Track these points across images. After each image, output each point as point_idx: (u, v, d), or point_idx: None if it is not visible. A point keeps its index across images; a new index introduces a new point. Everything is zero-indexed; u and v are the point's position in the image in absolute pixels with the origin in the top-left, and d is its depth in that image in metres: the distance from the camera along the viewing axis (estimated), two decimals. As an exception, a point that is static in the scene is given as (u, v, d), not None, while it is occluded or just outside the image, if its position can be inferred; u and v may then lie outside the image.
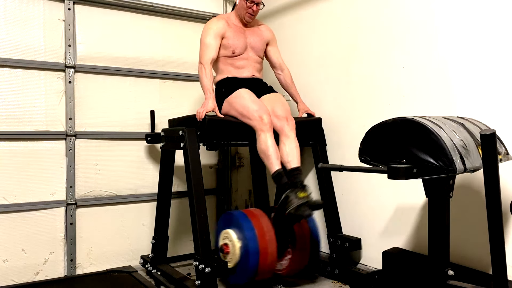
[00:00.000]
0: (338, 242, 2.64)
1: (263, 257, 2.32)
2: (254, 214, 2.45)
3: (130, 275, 2.63)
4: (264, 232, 2.34)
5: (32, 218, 2.71)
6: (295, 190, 2.25)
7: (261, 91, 2.67)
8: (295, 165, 2.40)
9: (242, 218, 2.40)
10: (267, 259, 2.33)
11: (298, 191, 2.25)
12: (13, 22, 2.67)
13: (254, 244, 2.30)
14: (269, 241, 2.34)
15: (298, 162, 2.41)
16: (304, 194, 2.25)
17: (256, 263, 2.31)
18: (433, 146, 1.49)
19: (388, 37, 2.48)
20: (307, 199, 2.23)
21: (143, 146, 3.10)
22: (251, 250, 2.30)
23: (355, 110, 2.68)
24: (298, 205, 2.19)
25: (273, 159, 2.35)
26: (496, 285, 1.42)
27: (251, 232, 2.33)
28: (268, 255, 2.33)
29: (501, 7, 1.98)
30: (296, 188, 2.27)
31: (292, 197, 2.23)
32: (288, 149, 2.43)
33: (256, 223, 2.37)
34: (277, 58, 2.88)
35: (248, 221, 2.38)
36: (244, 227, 2.35)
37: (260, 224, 2.37)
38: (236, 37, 2.67)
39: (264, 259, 2.32)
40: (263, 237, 2.33)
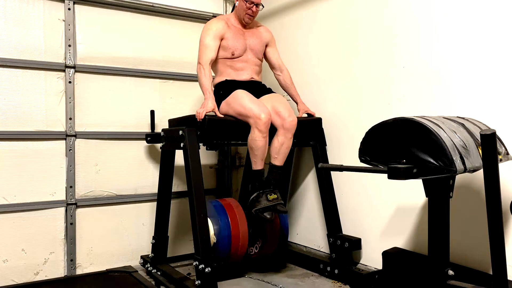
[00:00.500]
0: (338, 242, 2.64)
1: (234, 243, 2.60)
2: (229, 203, 2.71)
3: (130, 275, 2.63)
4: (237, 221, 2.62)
5: (32, 218, 2.71)
6: (266, 192, 2.46)
7: (260, 93, 2.67)
8: (278, 164, 2.52)
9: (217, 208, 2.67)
10: (238, 245, 2.61)
11: (269, 193, 2.46)
12: (13, 22, 2.67)
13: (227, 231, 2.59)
14: (241, 229, 2.61)
15: (282, 161, 2.53)
16: (274, 196, 2.46)
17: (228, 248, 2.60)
18: (433, 146, 1.49)
19: (388, 37, 2.48)
20: (275, 202, 2.45)
21: (143, 146, 3.10)
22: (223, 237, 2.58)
23: (355, 110, 2.68)
24: (265, 207, 2.43)
25: (258, 160, 2.48)
26: (496, 285, 1.42)
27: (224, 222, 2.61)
28: (239, 241, 2.61)
29: (501, 7, 1.98)
30: (268, 190, 2.47)
31: (262, 198, 2.45)
32: (279, 146, 2.49)
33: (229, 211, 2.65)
34: (276, 59, 2.88)
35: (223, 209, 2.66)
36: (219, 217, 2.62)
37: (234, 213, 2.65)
38: (235, 38, 2.67)
39: (235, 245, 2.60)
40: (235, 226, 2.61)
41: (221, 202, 2.74)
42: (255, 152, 2.45)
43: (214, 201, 2.74)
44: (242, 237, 2.62)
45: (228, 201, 2.76)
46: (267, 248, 2.81)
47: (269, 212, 2.44)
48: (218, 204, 2.71)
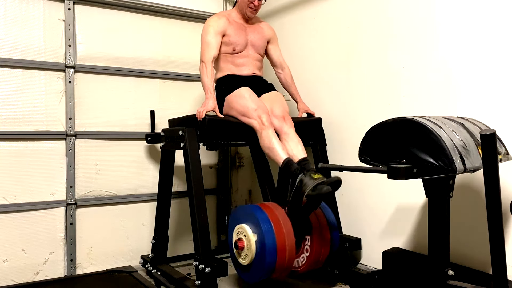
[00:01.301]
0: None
1: (281, 253, 2.13)
2: (270, 207, 2.28)
3: (130, 275, 2.63)
4: (281, 225, 2.16)
5: (32, 218, 2.71)
6: (308, 173, 2.19)
7: (262, 89, 2.67)
8: (302, 156, 2.36)
9: (258, 212, 2.21)
10: (286, 255, 2.15)
11: (311, 173, 2.19)
12: (13, 22, 2.67)
13: (272, 239, 2.11)
14: (287, 236, 2.16)
15: (304, 153, 2.38)
16: (318, 175, 2.18)
17: (274, 260, 2.12)
18: (433, 146, 1.49)
19: (388, 37, 2.48)
20: (322, 179, 2.16)
21: (143, 146, 3.10)
22: (268, 246, 2.10)
23: (355, 110, 2.68)
24: (315, 185, 2.11)
25: (279, 150, 2.32)
26: (496, 285, 1.42)
27: (267, 225, 2.14)
28: (286, 250, 2.14)
29: (501, 7, 1.98)
30: (309, 171, 2.21)
31: (306, 180, 2.16)
32: (291, 144, 2.42)
33: (272, 216, 2.19)
34: (278, 56, 2.87)
35: (264, 214, 2.20)
36: (260, 221, 2.15)
37: (277, 217, 2.19)
38: (237, 34, 2.66)
39: (282, 255, 2.14)
40: (280, 231, 2.15)
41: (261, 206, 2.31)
42: (272, 145, 2.34)
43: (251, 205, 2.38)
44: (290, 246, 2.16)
45: (267, 205, 2.33)
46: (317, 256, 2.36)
47: (321, 186, 2.11)
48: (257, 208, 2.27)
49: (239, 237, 2.28)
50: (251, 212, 2.23)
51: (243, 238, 2.25)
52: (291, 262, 2.21)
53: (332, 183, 2.14)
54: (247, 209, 2.31)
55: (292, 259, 2.21)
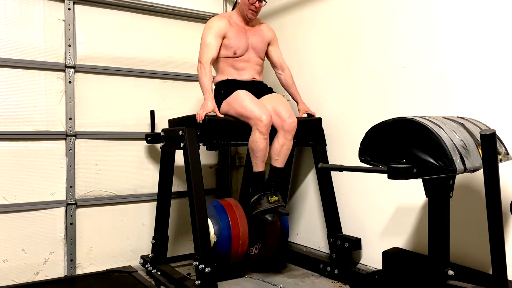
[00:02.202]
0: (338, 242, 2.64)
1: (235, 243, 2.60)
2: (229, 203, 2.72)
3: (130, 275, 2.63)
4: (237, 221, 2.63)
5: (32, 218, 2.71)
6: (267, 194, 2.45)
7: (261, 93, 2.66)
8: (279, 166, 2.51)
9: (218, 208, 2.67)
10: (239, 245, 2.61)
11: (270, 195, 2.45)
12: (13, 22, 2.66)
13: (227, 232, 2.59)
14: (241, 230, 2.61)
15: (283, 163, 2.52)
16: (275, 199, 2.46)
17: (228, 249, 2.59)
18: (433, 146, 1.49)
19: (388, 36, 2.48)
20: (277, 204, 2.44)
21: (143, 146, 3.10)
22: (224, 238, 2.58)
23: (355, 110, 2.68)
24: (266, 209, 2.42)
25: (259, 162, 2.47)
26: (496, 285, 1.42)
27: (224, 221, 2.61)
28: (239, 241, 2.61)
29: (501, 7, 1.98)
30: (269, 192, 2.46)
31: (263, 200, 2.44)
32: (280, 147, 2.48)
33: (229, 211, 2.66)
34: (278, 57, 2.87)
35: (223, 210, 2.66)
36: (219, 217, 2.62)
37: (234, 213, 2.65)
38: (238, 37, 2.66)
39: (236, 245, 2.60)
40: (236, 226, 2.61)
41: (221, 202, 2.74)
42: (256, 154, 2.44)
43: (214, 201, 2.74)
44: (243, 237, 2.62)
45: (228, 201, 2.76)
46: (267, 249, 2.80)
47: (270, 214, 2.43)
48: (218, 204, 2.71)
49: None
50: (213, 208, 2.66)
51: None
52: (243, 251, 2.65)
53: (280, 213, 2.47)
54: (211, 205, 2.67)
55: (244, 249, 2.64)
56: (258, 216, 2.45)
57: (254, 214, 2.46)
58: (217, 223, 2.60)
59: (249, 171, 2.75)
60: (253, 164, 2.49)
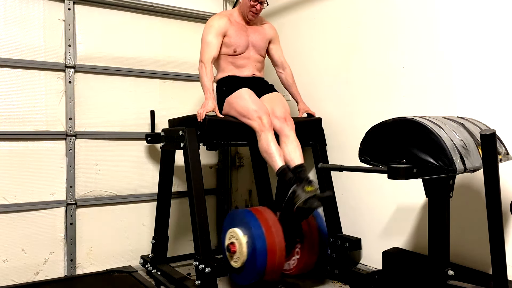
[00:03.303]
0: (338, 242, 2.64)
1: (271, 256, 2.21)
2: (261, 211, 2.35)
3: (130, 275, 2.63)
4: (271, 230, 2.24)
5: (32, 218, 2.71)
6: (301, 185, 2.22)
7: (262, 90, 2.67)
8: (299, 162, 2.38)
9: (249, 216, 2.31)
10: (276, 258, 2.23)
11: (304, 185, 2.21)
12: (13, 22, 2.66)
13: (262, 243, 2.20)
14: (277, 239, 2.23)
15: (301, 159, 2.39)
16: (311, 188, 2.21)
17: (264, 263, 2.21)
18: (433, 146, 1.49)
19: (388, 36, 2.48)
20: (314, 192, 2.19)
21: (143, 146, 3.10)
22: (258, 249, 2.19)
23: (355, 110, 2.68)
24: (307, 199, 2.15)
25: (276, 157, 2.34)
26: (496, 285, 1.42)
27: (258, 230, 2.23)
28: (276, 254, 2.22)
29: (501, 7, 1.98)
30: (302, 183, 2.24)
31: (299, 192, 2.19)
32: (290, 148, 2.43)
33: (263, 221, 2.28)
34: (279, 56, 2.87)
35: (254, 219, 2.28)
36: (251, 225, 2.25)
37: (267, 221, 2.27)
38: (238, 35, 2.66)
39: (272, 258, 2.22)
40: (270, 235, 2.23)
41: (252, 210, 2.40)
42: (269, 151, 2.34)
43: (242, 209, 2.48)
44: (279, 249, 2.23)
45: (258, 209, 2.41)
46: (307, 260, 2.46)
47: (312, 200, 2.16)
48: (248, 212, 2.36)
49: (231, 241, 2.35)
50: (243, 217, 2.32)
51: (235, 242, 2.32)
52: (281, 265, 2.28)
53: (323, 198, 2.23)
54: (239, 213, 2.38)
55: (282, 263, 2.28)
56: (300, 208, 2.16)
57: (295, 210, 2.19)
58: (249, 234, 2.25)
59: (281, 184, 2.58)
60: (272, 165, 2.35)
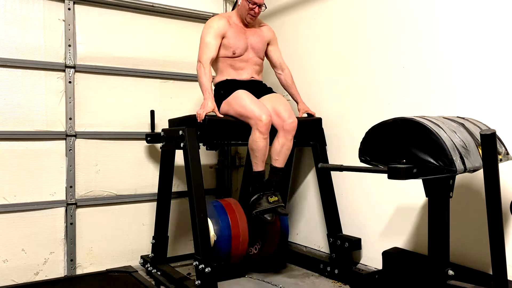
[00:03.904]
0: (338, 242, 2.64)
1: (235, 243, 2.61)
2: (229, 203, 2.73)
3: (130, 275, 2.63)
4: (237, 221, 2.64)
5: (32, 218, 2.71)
6: (267, 194, 2.46)
7: (260, 93, 2.67)
8: (279, 166, 2.52)
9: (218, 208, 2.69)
10: (239, 245, 2.62)
11: (270, 195, 2.46)
12: (13, 22, 2.66)
13: (227, 232, 2.60)
14: (241, 228, 2.62)
15: (283, 163, 2.53)
16: (275, 199, 2.47)
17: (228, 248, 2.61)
18: (433, 146, 1.49)
19: (388, 36, 2.48)
20: (276, 204, 2.45)
21: (143, 146, 3.10)
22: (223, 237, 2.59)
23: (355, 110, 2.68)
24: (265, 209, 2.43)
25: (259, 161, 2.48)
26: (496, 285, 1.42)
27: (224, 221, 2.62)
28: (239, 241, 2.62)
29: (501, 7, 1.98)
30: (269, 192, 2.47)
31: (262, 200, 2.45)
32: (280, 147, 2.49)
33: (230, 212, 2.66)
34: (278, 58, 2.87)
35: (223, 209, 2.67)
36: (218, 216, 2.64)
37: (234, 214, 2.66)
38: (237, 37, 2.66)
39: (236, 245, 2.62)
40: (236, 225, 2.62)
41: (221, 202, 2.75)
42: (255, 153, 2.45)
43: (214, 201, 2.75)
44: (243, 237, 2.63)
45: (228, 201, 2.77)
46: (267, 249, 2.82)
47: (269, 214, 2.45)
48: (218, 204, 2.72)
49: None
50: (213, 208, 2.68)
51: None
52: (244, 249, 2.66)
53: (279, 213, 2.48)
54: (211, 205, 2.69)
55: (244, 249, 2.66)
56: (258, 215, 2.46)
57: (254, 214, 2.47)
58: (217, 222, 2.62)
59: (249, 171, 2.75)
60: (253, 164, 2.50)
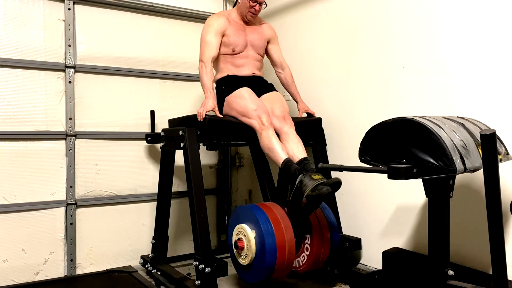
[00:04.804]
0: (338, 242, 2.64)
1: (280, 252, 2.15)
2: (269, 207, 2.30)
3: (130, 275, 2.63)
4: (280, 225, 2.18)
5: (32, 218, 2.71)
6: (308, 174, 2.19)
7: (262, 89, 2.67)
8: (302, 156, 2.35)
9: (257, 211, 2.23)
10: (285, 254, 2.16)
11: (311, 174, 2.18)
12: (13, 22, 2.66)
13: (271, 239, 2.13)
14: (286, 235, 2.17)
15: (304, 153, 2.37)
16: (318, 176, 2.18)
17: (273, 260, 2.14)
18: (433, 146, 1.49)
19: (388, 36, 2.48)
20: (322, 179, 2.15)
21: (143, 146, 3.10)
22: (268, 245, 2.12)
23: (355, 110, 2.68)
24: (315, 185, 2.10)
25: (279, 150, 2.32)
26: (496, 285, 1.42)
27: (267, 225, 2.16)
28: (286, 250, 2.16)
29: (501, 7, 1.98)
30: (309, 172, 2.21)
31: (306, 180, 2.16)
32: (292, 144, 2.42)
33: (271, 216, 2.21)
34: (278, 56, 2.87)
35: (263, 214, 2.21)
36: (259, 220, 2.17)
37: (276, 217, 2.21)
38: (236, 34, 2.66)
39: (281, 255, 2.15)
40: (280, 230, 2.17)
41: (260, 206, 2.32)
42: (271, 145, 2.33)
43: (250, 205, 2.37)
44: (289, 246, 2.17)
45: (266, 205, 2.35)
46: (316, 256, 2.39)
47: (321, 186, 2.10)
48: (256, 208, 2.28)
49: (239, 237, 2.30)
50: (251, 212, 2.24)
51: (243, 238, 2.27)
52: (290, 262, 2.22)
53: (332, 184, 2.13)
54: (247, 209, 2.31)
55: (292, 259, 2.22)
56: (309, 196, 2.11)
57: (305, 198, 2.15)
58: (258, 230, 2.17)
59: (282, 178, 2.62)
60: (276, 159, 2.32)
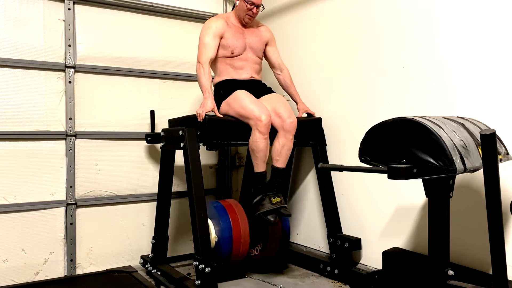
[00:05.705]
0: (338, 242, 2.64)
1: (236, 245, 2.61)
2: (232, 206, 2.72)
3: (130, 275, 2.63)
4: (238, 222, 2.64)
5: (32, 218, 2.71)
6: (270, 195, 2.44)
7: (260, 92, 2.67)
8: (281, 166, 2.50)
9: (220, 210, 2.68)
10: (240, 246, 2.62)
11: (272, 196, 2.44)
12: (13, 22, 2.66)
13: (228, 233, 2.60)
14: (242, 231, 2.62)
15: (284, 163, 2.51)
16: (277, 200, 2.44)
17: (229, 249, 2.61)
18: (433, 146, 1.49)
19: (388, 37, 2.48)
20: (279, 205, 2.43)
21: (143, 146, 3.10)
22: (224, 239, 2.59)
23: (355, 110, 2.68)
24: (268, 210, 2.41)
25: (260, 162, 2.46)
26: (496, 285, 1.42)
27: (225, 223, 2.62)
28: (241, 243, 2.62)
29: (501, 7, 1.98)
30: (272, 193, 2.45)
31: (265, 201, 2.43)
32: (281, 148, 2.48)
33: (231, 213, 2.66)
34: (276, 58, 2.87)
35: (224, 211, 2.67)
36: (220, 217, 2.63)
37: (235, 215, 2.66)
38: (235, 37, 2.66)
39: (237, 246, 2.62)
40: (237, 227, 2.62)
41: (222, 202, 2.74)
42: (256, 154, 2.44)
43: (214, 202, 2.75)
44: (244, 238, 2.62)
45: (229, 202, 2.77)
46: (268, 250, 2.80)
47: (273, 215, 2.42)
48: (219, 205, 2.71)
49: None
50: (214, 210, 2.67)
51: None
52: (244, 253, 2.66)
53: (282, 214, 2.45)
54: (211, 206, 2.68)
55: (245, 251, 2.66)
56: (260, 217, 2.43)
57: (256, 215, 2.45)
58: (218, 223, 2.61)
59: (249, 172, 2.75)
60: (254, 165, 2.49)
